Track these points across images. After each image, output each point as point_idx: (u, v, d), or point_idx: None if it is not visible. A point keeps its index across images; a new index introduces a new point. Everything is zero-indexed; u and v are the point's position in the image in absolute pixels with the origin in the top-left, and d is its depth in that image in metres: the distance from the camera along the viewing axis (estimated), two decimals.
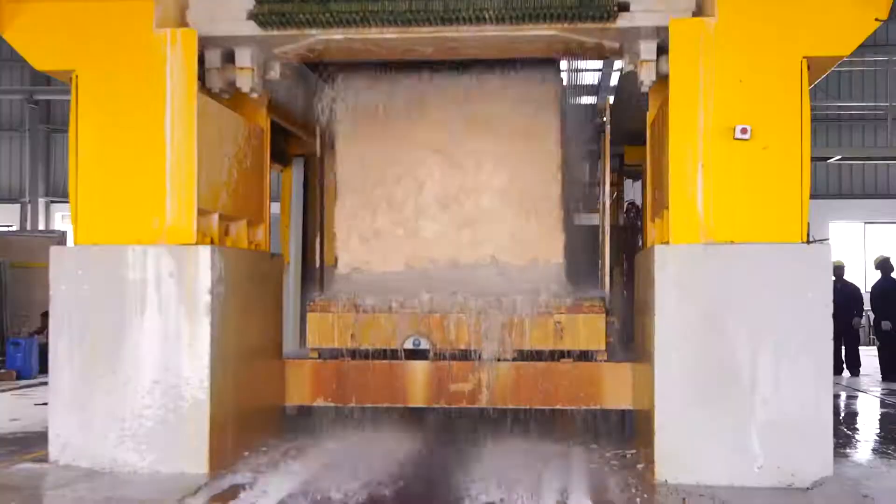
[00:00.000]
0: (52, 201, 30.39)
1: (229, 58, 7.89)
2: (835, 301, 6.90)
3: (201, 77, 7.74)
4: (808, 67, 6.93)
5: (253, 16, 7.48)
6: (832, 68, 7.59)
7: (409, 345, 8.50)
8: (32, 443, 8.45)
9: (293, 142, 10.60)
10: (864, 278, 25.11)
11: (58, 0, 7.26)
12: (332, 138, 9.41)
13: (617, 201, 12.93)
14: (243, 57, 7.85)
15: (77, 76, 7.26)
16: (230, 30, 7.59)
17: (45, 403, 7.97)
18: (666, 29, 7.16)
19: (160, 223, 7.17)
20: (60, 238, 19.85)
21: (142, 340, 7.13)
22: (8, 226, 27.83)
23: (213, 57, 7.81)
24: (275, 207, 9.53)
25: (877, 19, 6.78)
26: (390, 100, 9.18)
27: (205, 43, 7.62)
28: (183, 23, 7.45)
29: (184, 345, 7.10)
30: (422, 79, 9.14)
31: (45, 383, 8.24)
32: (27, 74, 28.56)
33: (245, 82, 7.89)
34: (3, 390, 13.23)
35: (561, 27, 7.41)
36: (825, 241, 7.18)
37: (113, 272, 7.17)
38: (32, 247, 18.02)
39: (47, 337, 7.48)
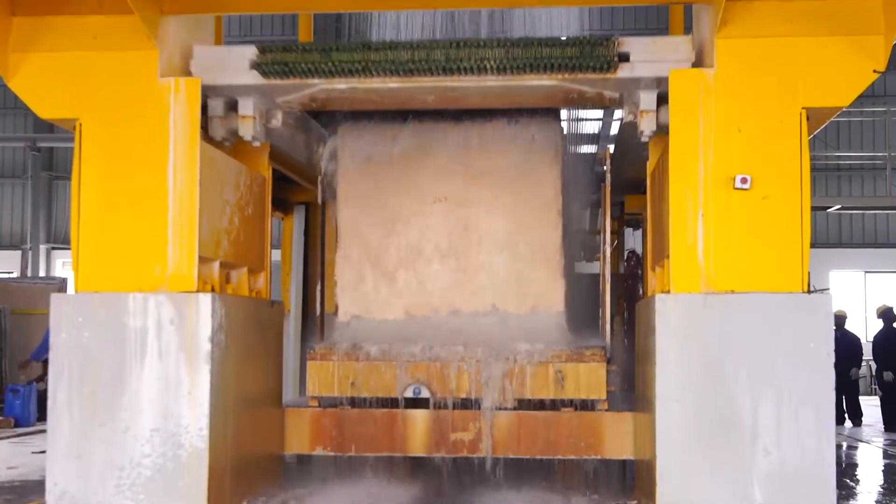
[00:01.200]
0: (54, 248, 30.43)
1: (232, 106, 7.96)
2: (836, 351, 6.89)
3: (204, 125, 7.80)
4: (808, 118, 6.97)
5: (256, 65, 7.54)
6: (831, 118, 7.64)
7: (409, 393, 8.46)
8: (30, 491, 8.40)
9: (295, 189, 10.64)
10: (865, 328, 25.05)
11: (63, 50, 7.33)
12: (334, 186, 9.43)
13: (617, 249, 12.94)
14: (246, 106, 7.91)
15: (81, 124, 7.31)
16: (233, 79, 7.65)
17: (43, 451, 7.91)
18: (666, 79, 7.21)
19: (161, 270, 7.18)
20: (61, 285, 19.84)
21: (141, 388, 7.10)
22: (9, 272, 27.85)
23: (216, 106, 7.86)
24: (276, 255, 9.54)
25: (875, 71, 6.85)
26: (392, 148, 9.21)
27: (208, 92, 7.69)
28: (186, 72, 7.53)
29: (183, 393, 7.07)
30: (423, 128, 9.18)
31: (44, 431, 8.22)
32: (31, 122, 28.76)
33: (247, 131, 7.95)
34: (1, 438, 13.16)
35: (561, 77, 7.45)
36: (826, 291, 7.19)
37: (114, 319, 7.15)
38: (33, 294, 18.04)
39: (46, 384, 7.45)
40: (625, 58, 7.33)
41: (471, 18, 12.38)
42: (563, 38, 7.50)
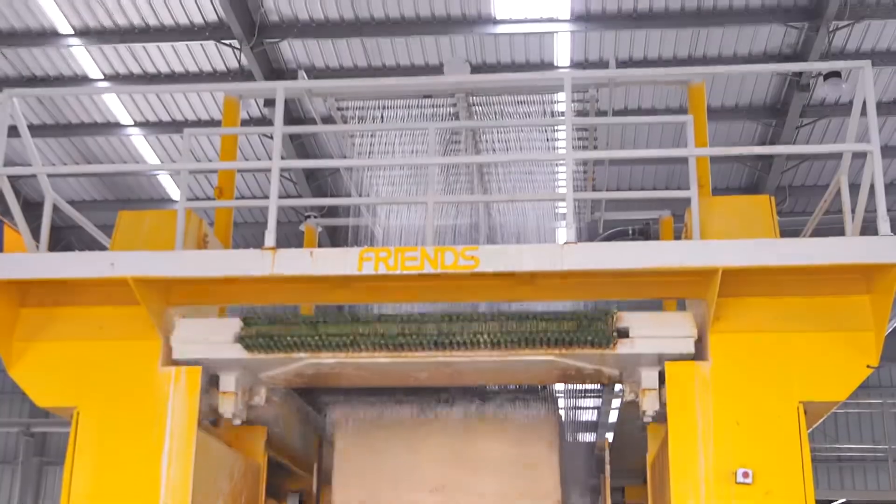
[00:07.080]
0: None
1: (213, 381, 7.63)
2: None
3: None
4: (805, 412, 6.96)
5: (240, 339, 7.29)
6: (830, 412, 7.63)
7: None
8: None
9: (289, 476, 10.44)
10: None
11: (67, 339, 7.41)
12: (328, 473, 9.28)
13: None
14: (228, 382, 7.56)
15: (78, 413, 7.26)
16: (215, 353, 7.37)
17: None
18: (669, 356, 7.12)
19: None
20: None
21: None
22: None
23: None
24: None
25: (868, 366, 6.91)
26: (387, 435, 9.12)
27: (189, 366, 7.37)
28: (166, 343, 7.36)
29: None
30: (420, 412, 9.12)
31: None
32: (27, 407, 28.62)
33: (228, 408, 7.57)
34: None
35: (558, 352, 7.24)
36: None
37: None
38: None
39: None
40: (624, 333, 7.13)
41: None
42: (560, 312, 7.29)
